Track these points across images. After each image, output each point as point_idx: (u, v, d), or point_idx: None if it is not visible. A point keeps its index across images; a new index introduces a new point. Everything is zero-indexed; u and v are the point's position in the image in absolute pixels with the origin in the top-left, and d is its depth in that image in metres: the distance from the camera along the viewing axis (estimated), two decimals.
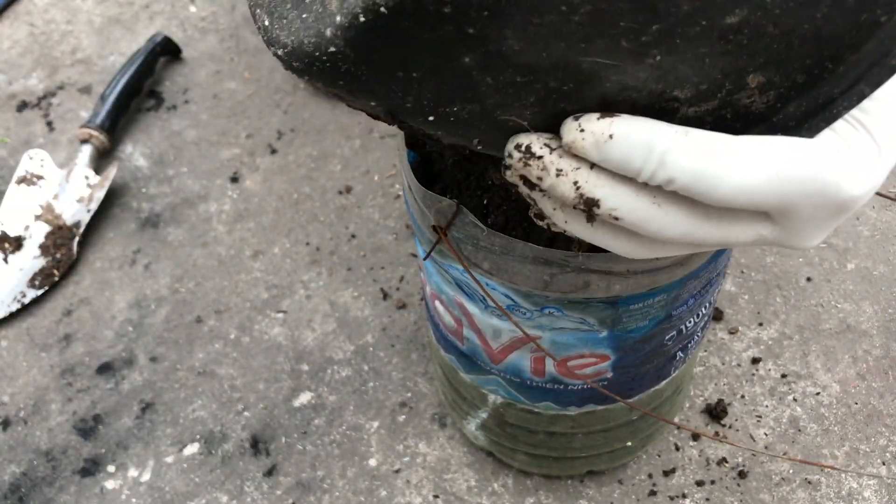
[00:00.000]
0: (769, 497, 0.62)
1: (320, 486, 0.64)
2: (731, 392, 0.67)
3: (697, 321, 0.49)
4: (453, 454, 0.65)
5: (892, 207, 0.78)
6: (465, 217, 0.40)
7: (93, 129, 0.85)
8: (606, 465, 0.61)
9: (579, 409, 0.52)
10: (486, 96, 0.28)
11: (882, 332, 0.70)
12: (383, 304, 0.75)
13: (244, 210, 0.83)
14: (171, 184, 0.86)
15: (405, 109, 0.29)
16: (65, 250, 0.80)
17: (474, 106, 0.29)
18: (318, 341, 0.73)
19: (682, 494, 0.62)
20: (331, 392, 0.70)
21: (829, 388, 0.67)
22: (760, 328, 0.71)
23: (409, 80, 0.28)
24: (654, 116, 0.28)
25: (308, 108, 0.92)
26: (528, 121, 0.29)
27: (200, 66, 0.97)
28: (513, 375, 0.50)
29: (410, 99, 0.29)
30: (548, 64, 0.27)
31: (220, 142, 0.89)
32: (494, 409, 0.56)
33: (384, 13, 0.25)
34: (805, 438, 0.65)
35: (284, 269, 0.78)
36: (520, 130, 0.30)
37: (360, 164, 0.86)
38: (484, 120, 0.30)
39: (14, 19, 1.05)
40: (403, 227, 0.80)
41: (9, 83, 0.98)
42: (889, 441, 0.64)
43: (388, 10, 0.25)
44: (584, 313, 0.43)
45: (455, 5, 0.24)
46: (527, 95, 0.28)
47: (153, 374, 0.72)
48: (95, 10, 1.06)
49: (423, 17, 0.25)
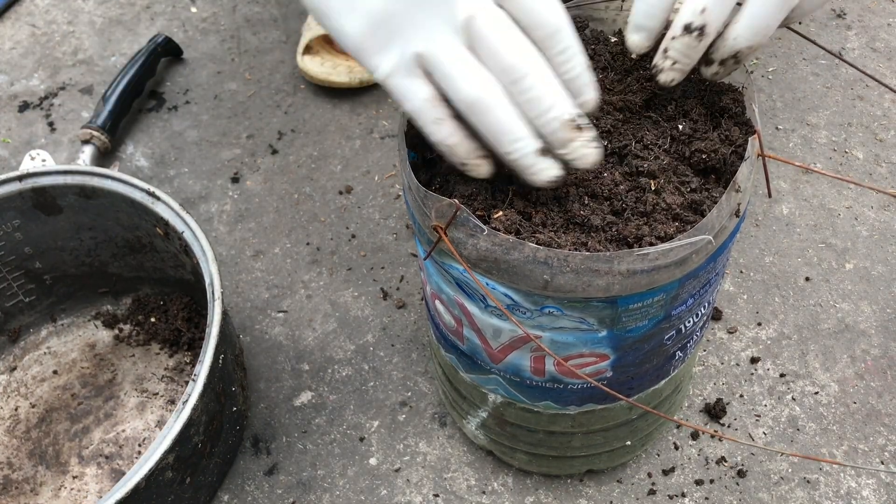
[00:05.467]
0: (768, 496, 0.62)
1: (321, 484, 0.65)
2: (730, 391, 0.68)
3: (696, 321, 0.50)
4: (453, 453, 0.66)
5: (891, 207, 0.79)
6: (465, 217, 0.40)
7: (94, 130, 0.85)
8: (606, 464, 0.62)
9: (579, 408, 0.53)
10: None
11: (880, 332, 0.70)
12: (383, 304, 0.75)
13: (245, 210, 0.83)
14: (173, 184, 0.86)
15: None
16: None
17: None
18: (318, 341, 0.73)
19: (681, 493, 0.62)
20: (331, 391, 0.70)
21: (827, 388, 0.67)
22: (759, 328, 0.71)
23: None
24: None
25: (308, 108, 0.92)
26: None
27: (201, 67, 0.98)
28: (513, 375, 0.50)
29: None
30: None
31: (220, 142, 0.90)
32: (494, 408, 0.56)
33: None
34: (804, 437, 0.65)
35: (285, 269, 0.78)
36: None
37: (361, 165, 0.86)
38: None
39: (15, 20, 1.05)
40: (403, 227, 0.80)
41: (10, 84, 0.98)
42: (887, 440, 0.64)
43: None
44: (583, 313, 0.43)
45: None
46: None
47: None
48: (97, 10, 1.06)
49: None
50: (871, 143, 0.84)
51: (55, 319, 0.75)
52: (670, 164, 0.45)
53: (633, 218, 0.43)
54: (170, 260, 0.70)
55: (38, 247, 0.70)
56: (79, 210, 0.68)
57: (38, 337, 0.74)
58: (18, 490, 0.65)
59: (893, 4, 0.97)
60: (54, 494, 0.64)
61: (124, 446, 0.66)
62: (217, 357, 0.55)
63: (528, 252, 0.40)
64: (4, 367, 0.73)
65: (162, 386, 0.70)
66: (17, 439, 0.68)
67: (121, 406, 0.69)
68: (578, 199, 0.43)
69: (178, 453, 0.54)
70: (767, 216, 0.79)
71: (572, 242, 0.42)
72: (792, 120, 0.86)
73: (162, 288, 0.75)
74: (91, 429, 0.68)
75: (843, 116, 0.86)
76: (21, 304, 0.73)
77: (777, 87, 0.89)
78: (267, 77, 0.96)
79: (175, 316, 0.72)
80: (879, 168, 0.82)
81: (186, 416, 0.53)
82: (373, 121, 0.90)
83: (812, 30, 0.95)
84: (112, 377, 0.71)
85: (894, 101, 0.87)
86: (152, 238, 0.68)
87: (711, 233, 0.41)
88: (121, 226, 0.68)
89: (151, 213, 0.63)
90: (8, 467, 0.66)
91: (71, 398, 0.70)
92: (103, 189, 0.65)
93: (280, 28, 1.01)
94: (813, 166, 0.82)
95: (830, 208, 0.79)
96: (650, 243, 0.41)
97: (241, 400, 0.65)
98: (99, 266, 0.73)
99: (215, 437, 0.60)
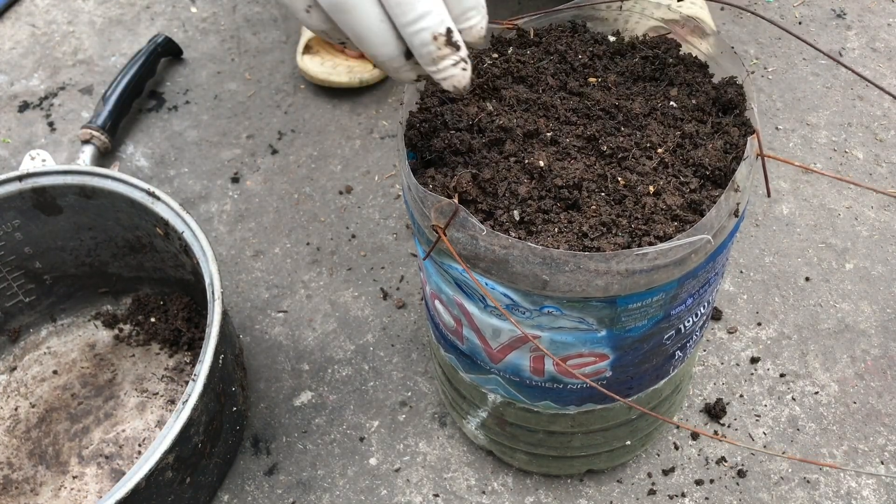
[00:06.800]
0: (768, 496, 0.62)
1: (321, 484, 0.65)
2: (729, 391, 0.68)
3: (696, 321, 0.50)
4: (453, 453, 0.66)
5: (891, 208, 0.79)
6: (464, 217, 0.40)
7: (94, 130, 0.85)
8: (606, 464, 0.62)
9: (578, 408, 0.53)
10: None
11: (880, 332, 0.70)
12: (383, 304, 0.75)
13: (245, 210, 0.83)
14: (173, 184, 0.86)
15: None
16: None
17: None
18: (318, 341, 0.73)
19: (681, 493, 0.62)
20: (331, 391, 0.70)
21: (827, 388, 0.67)
22: (759, 328, 0.71)
23: None
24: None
25: (308, 108, 0.92)
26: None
27: (201, 67, 0.98)
28: (512, 375, 0.50)
29: None
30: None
31: (220, 142, 0.90)
32: (494, 408, 0.56)
33: None
34: (804, 438, 0.65)
35: (285, 269, 0.78)
36: None
37: (361, 165, 0.86)
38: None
39: (15, 20, 1.06)
40: (403, 227, 0.80)
41: (10, 84, 0.98)
42: (887, 440, 0.64)
43: None
44: (582, 313, 0.43)
45: None
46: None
47: None
48: (97, 11, 1.06)
49: None
50: (871, 143, 0.84)
51: (55, 319, 0.75)
52: (670, 165, 0.45)
53: (633, 218, 0.43)
54: (170, 260, 0.70)
55: (38, 247, 0.70)
56: (79, 210, 0.68)
57: (38, 337, 0.74)
58: (18, 490, 0.65)
59: (893, 4, 0.97)
60: (54, 494, 0.65)
61: (124, 446, 0.66)
62: (217, 357, 0.55)
63: (527, 252, 0.40)
64: (4, 367, 0.73)
65: (162, 386, 0.70)
66: (17, 439, 0.68)
67: (121, 406, 0.69)
68: (584, 200, 0.43)
69: (178, 453, 0.54)
70: (767, 216, 0.79)
71: (571, 243, 0.42)
72: (792, 120, 0.86)
73: (162, 288, 0.75)
74: (91, 429, 0.68)
75: (843, 116, 0.86)
76: (21, 304, 0.73)
77: (777, 87, 0.89)
78: (267, 77, 0.96)
79: (175, 316, 0.72)
80: (879, 168, 0.82)
81: (186, 416, 0.53)
82: (373, 121, 0.90)
83: (812, 30, 0.95)
84: (112, 377, 0.71)
85: (895, 102, 0.87)
86: (152, 238, 0.68)
87: (710, 232, 0.41)
88: (121, 226, 0.68)
89: (151, 213, 0.63)
90: (8, 467, 0.66)
91: (71, 398, 0.70)
92: (103, 189, 0.65)
93: (280, 28, 1.01)
94: (813, 166, 0.82)
95: (830, 208, 0.79)
96: (649, 243, 0.41)
97: (241, 400, 0.65)
98: (99, 266, 0.73)
99: (215, 437, 0.60)
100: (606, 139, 0.46)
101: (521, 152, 0.45)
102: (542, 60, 0.50)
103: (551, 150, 0.45)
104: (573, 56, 0.50)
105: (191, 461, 0.57)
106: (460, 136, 0.46)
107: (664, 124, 0.47)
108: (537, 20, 0.52)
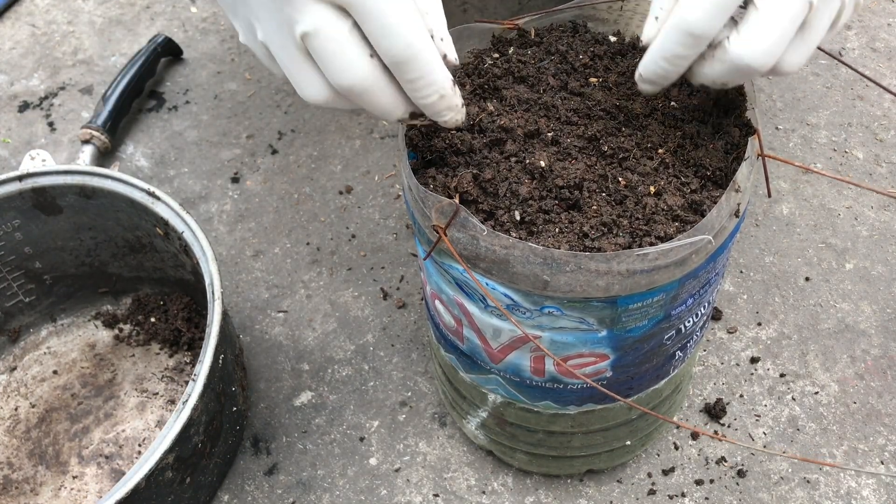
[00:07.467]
0: (768, 496, 0.62)
1: (321, 484, 0.65)
2: (729, 391, 0.68)
3: (696, 321, 0.50)
4: (453, 453, 0.66)
5: (891, 207, 0.79)
6: (465, 217, 0.40)
7: (94, 130, 0.85)
8: (606, 464, 0.62)
9: (578, 408, 0.53)
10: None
11: (880, 332, 0.70)
12: (383, 304, 0.75)
13: (245, 210, 0.83)
14: (173, 184, 0.86)
15: None
16: None
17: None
18: (318, 341, 0.73)
19: (681, 493, 0.62)
20: (331, 391, 0.70)
21: (827, 388, 0.67)
22: (759, 328, 0.71)
23: None
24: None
25: (308, 108, 0.92)
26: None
27: (201, 67, 0.98)
28: (512, 375, 0.51)
29: None
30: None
31: (220, 142, 0.90)
32: (494, 408, 0.56)
33: None
34: (804, 438, 0.65)
35: (285, 269, 0.78)
36: None
37: (361, 165, 0.86)
38: None
39: (15, 20, 1.06)
40: (403, 227, 0.80)
41: (10, 84, 0.98)
42: (888, 440, 0.64)
43: None
44: (583, 313, 0.43)
45: None
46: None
47: None
48: (97, 10, 1.06)
49: None
50: (871, 143, 0.84)
51: (55, 319, 0.75)
52: (671, 166, 0.45)
53: (634, 218, 0.43)
54: (170, 260, 0.70)
55: (38, 247, 0.70)
56: (79, 210, 0.68)
57: (38, 337, 0.74)
58: (18, 490, 0.65)
59: (893, 4, 0.97)
60: (54, 494, 0.64)
61: (124, 446, 0.66)
62: (217, 357, 0.55)
63: (527, 252, 0.40)
64: (4, 367, 0.73)
65: (162, 386, 0.70)
66: (17, 439, 0.68)
67: (121, 406, 0.69)
68: (585, 200, 0.43)
69: (178, 453, 0.54)
70: (767, 216, 0.79)
71: (572, 243, 0.42)
72: (792, 120, 0.86)
73: (162, 288, 0.75)
74: (91, 429, 0.68)
75: (843, 116, 0.86)
76: (21, 304, 0.73)
77: (777, 87, 0.89)
78: (267, 77, 0.96)
79: (175, 316, 0.72)
80: (879, 168, 0.82)
81: (186, 416, 0.53)
82: (373, 121, 0.90)
83: None
84: (112, 377, 0.71)
85: (894, 101, 0.87)
86: (152, 238, 0.68)
87: (711, 233, 0.41)
88: (121, 226, 0.68)
89: (151, 213, 0.63)
90: (8, 467, 0.66)
91: (71, 398, 0.70)
92: (103, 189, 0.65)
93: None
94: (813, 166, 0.82)
95: (830, 208, 0.79)
96: (650, 243, 0.41)
97: (241, 400, 0.65)
98: (99, 266, 0.73)
99: (215, 437, 0.60)
100: (607, 139, 0.46)
101: (522, 152, 0.45)
102: (542, 60, 0.50)
103: (552, 150, 0.45)
104: (574, 56, 0.50)
105: (191, 461, 0.57)
106: (461, 136, 0.46)
107: (665, 125, 0.47)
108: (538, 20, 0.52)
